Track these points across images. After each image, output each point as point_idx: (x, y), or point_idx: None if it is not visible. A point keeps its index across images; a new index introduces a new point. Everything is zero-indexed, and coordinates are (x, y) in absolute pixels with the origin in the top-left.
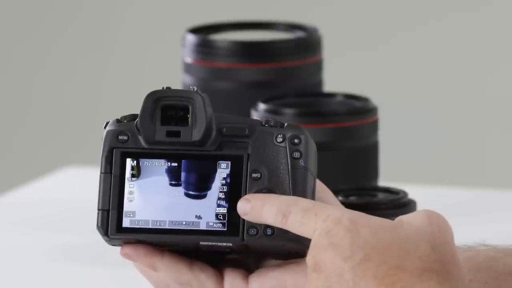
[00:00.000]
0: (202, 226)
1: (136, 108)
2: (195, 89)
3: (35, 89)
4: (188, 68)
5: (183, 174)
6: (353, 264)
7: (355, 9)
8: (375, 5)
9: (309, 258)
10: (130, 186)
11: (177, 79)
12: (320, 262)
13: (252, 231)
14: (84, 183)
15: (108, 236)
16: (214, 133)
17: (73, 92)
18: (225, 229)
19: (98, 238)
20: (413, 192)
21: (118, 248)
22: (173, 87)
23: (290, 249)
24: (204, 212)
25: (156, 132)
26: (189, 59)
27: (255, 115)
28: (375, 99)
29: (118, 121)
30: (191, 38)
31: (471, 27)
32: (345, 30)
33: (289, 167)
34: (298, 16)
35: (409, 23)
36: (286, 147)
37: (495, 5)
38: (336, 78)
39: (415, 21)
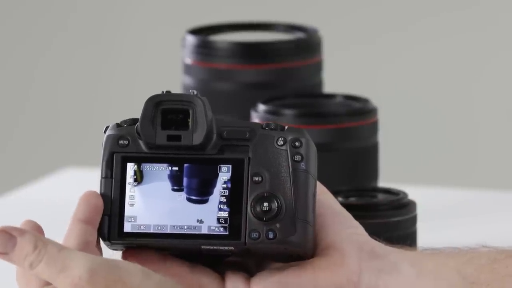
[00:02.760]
0: (204, 230)
1: (136, 108)
2: (195, 92)
3: (35, 90)
4: (188, 69)
5: (185, 179)
6: None
7: (355, 9)
8: (375, 6)
9: None
10: (131, 190)
11: (177, 80)
12: None
13: (254, 235)
14: (84, 184)
15: (109, 241)
16: (214, 137)
17: (73, 92)
18: (227, 233)
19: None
20: (413, 193)
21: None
22: (173, 88)
23: (292, 252)
24: (206, 216)
25: (157, 137)
26: (189, 60)
27: (255, 116)
28: (375, 100)
29: (118, 125)
30: (191, 39)
31: (470, 29)
32: (345, 31)
33: (290, 170)
34: (298, 17)
35: (409, 24)
36: (287, 150)
37: (496, 4)
38: (336, 79)
39: (415, 22)
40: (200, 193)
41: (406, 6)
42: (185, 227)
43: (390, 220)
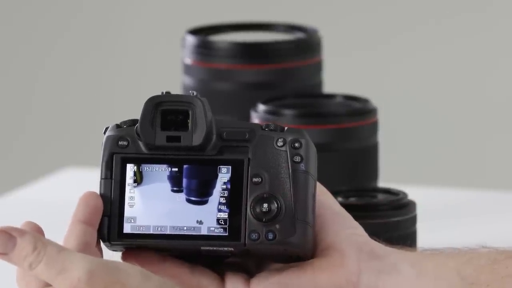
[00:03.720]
0: (203, 231)
1: (136, 109)
2: (195, 93)
3: (35, 91)
4: (188, 69)
5: (184, 180)
6: None
7: (355, 10)
8: (375, 6)
9: None
10: (130, 191)
11: (177, 80)
12: None
13: (254, 236)
14: (84, 184)
15: (109, 242)
16: (214, 138)
17: (73, 93)
18: (226, 234)
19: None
20: (413, 193)
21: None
22: (173, 88)
23: (292, 253)
24: (205, 217)
25: (157, 137)
26: (188, 60)
27: (255, 116)
28: (375, 100)
29: (118, 126)
30: (191, 39)
31: (470, 29)
32: (345, 31)
33: (290, 171)
34: (298, 17)
35: (409, 24)
36: (286, 151)
37: (496, 5)
38: (336, 79)
39: (415, 22)
40: (199, 194)
41: (406, 7)
42: (185, 228)
43: (390, 220)
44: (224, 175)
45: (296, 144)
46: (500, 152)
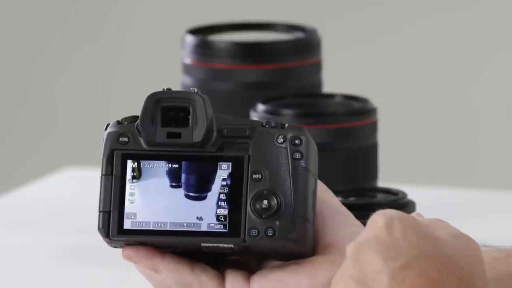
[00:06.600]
0: (203, 228)
1: (135, 109)
2: (196, 90)
3: (34, 90)
4: (187, 69)
5: (183, 176)
6: (393, 268)
7: (355, 10)
8: (375, 6)
9: (350, 245)
10: (131, 187)
11: (176, 80)
12: (360, 252)
13: (253, 232)
14: (83, 184)
15: (109, 238)
16: (214, 134)
17: (72, 92)
18: (226, 230)
19: (98, 238)
20: (412, 193)
21: (118, 249)
22: (173, 88)
23: (292, 250)
24: (205, 214)
25: (157, 134)
26: (188, 60)
27: (254, 116)
28: (374, 100)
29: (119, 122)
30: (191, 39)
31: (470, 29)
32: (344, 31)
33: (290, 167)
34: (297, 17)
35: (409, 24)
36: (287, 148)
37: (495, 4)
38: (336, 79)
39: (415, 22)
40: (198, 189)
41: (405, 6)
42: (185, 224)
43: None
44: (224, 171)
45: (297, 141)
46: (500, 152)
